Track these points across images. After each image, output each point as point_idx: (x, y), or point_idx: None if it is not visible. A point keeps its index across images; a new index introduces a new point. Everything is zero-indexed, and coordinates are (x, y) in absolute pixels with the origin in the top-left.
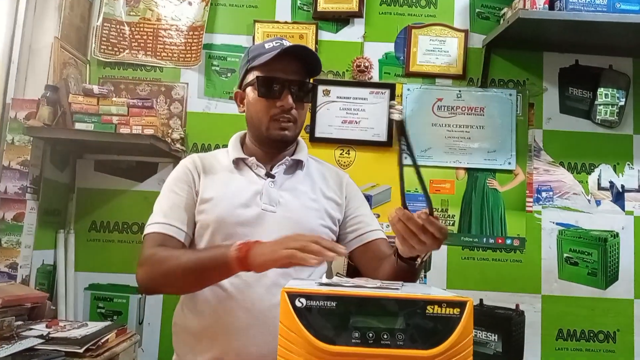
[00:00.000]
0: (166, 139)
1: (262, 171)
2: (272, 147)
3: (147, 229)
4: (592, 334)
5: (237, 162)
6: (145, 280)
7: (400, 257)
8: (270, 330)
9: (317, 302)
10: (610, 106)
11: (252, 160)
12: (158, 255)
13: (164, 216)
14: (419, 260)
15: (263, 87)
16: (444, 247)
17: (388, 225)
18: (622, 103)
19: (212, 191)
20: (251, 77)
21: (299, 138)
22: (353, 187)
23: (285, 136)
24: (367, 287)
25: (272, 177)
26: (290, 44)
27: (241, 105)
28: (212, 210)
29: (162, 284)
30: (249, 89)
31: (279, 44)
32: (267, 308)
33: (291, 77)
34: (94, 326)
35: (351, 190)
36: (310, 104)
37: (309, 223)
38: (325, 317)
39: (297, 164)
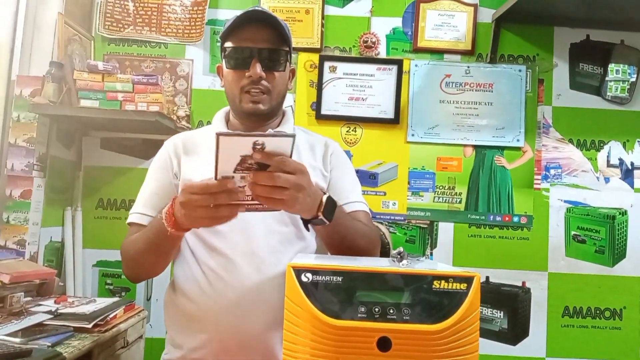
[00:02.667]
0: (172, 117)
1: None
2: (250, 121)
3: (129, 218)
4: (598, 312)
5: None
6: (124, 272)
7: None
8: (261, 308)
9: (323, 277)
10: (621, 82)
11: None
12: (124, 246)
13: (142, 205)
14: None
15: (231, 58)
16: (450, 225)
17: (394, 203)
18: (634, 79)
19: (194, 171)
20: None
21: (286, 109)
22: (339, 156)
23: (258, 109)
24: None
25: None
26: (263, 10)
27: (222, 79)
28: None
29: (135, 270)
30: (224, 62)
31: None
32: (255, 285)
33: (260, 46)
34: (102, 302)
35: (336, 159)
36: (285, 72)
37: None
38: (331, 292)
39: None
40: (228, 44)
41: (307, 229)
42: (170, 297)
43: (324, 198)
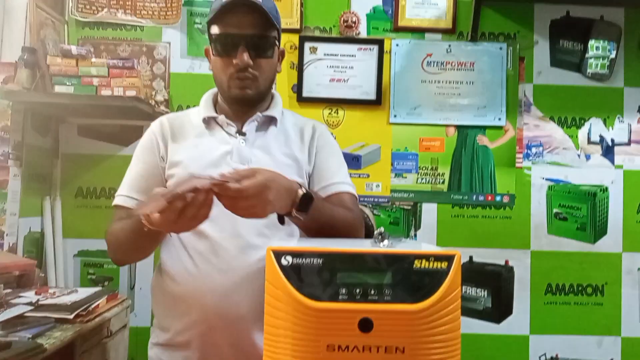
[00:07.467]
0: (150, 101)
1: (233, 129)
2: (238, 105)
3: (114, 200)
4: (580, 288)
5: (208, 121)
6: (110, 255)
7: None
8: (247, 291)
9: (303, 259)
10: (601, 59)
11: (222, 118)
12: (110, 231)
13: (128, 187)
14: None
15: (218, 45)
16: (433, 206)
17: (378, 185)
18: (613, 55)
19: (182, 154)
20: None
21: (275, 92)
22: (326, 138)
23: (247, 95)
24: None
25: (244, 134)
26: None
27: (210, 62)
28: (182, 174)
29: (119, 257)
30: (211, 47)
31: None
32: (242, 268)
33: (246, 32)
34: (84, 292)
35: (322, 141)
36: (272, 58)
37: None
38: (312, 274)
39: (271, 120)
40: (214, 30)
41: (282, 223)
42: (157, 281)
43: (300, 193)
